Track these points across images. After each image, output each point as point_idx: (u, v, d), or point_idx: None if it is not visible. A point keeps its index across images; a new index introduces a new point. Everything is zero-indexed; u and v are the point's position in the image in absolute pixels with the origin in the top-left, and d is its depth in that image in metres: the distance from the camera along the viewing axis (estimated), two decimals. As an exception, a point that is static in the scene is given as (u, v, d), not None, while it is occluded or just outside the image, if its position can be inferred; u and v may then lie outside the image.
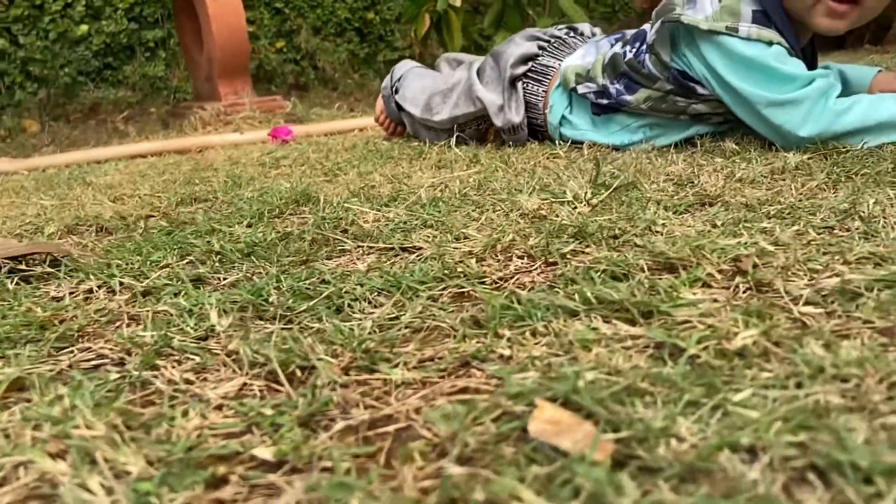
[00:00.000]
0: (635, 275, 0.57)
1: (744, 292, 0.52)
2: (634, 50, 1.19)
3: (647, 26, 1.20)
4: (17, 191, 1.41)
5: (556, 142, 1.34)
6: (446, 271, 0.62)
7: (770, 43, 1.04)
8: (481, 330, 0.49)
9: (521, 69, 1.37)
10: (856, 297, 0.49)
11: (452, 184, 1.03)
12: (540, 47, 1.39)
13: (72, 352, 0.53)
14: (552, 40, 1.41)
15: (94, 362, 0.50)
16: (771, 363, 0.40)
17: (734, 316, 0.46)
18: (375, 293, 0.59)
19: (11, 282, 0.70)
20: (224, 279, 0.66)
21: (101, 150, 1.95)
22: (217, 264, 0.70)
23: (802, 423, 0.32)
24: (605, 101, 1.23)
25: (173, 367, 0.47)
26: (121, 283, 0.66)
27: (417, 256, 0.68)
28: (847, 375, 0.37)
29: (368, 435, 0.37)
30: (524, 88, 1.37)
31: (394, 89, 1.65)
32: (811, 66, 1.21)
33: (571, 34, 1.45)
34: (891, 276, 0.51)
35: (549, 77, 1.35)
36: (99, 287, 0.66)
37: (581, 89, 1.26)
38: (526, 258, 0.65)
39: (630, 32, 1.27)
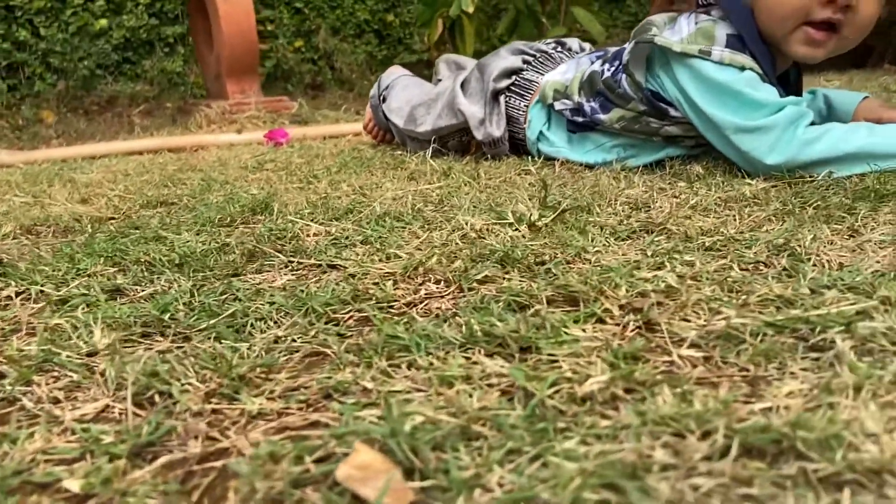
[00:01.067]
0: (534, 307, 0.56)
1: (632, 331, 0.51)
2: (612, 69, 1.18)
3: (627, 45, 1.19)
4: None
5: (533, 157, 1.33)
6: (358, 293, 0.61)
7: (742, 68, 1.03)
8: (361, 359, 0.49)
9: (504, 83, 1.37)
10: (740, 342, 0.48)
11: (413, 198, 1.03)
12: (525, 61, 1.39)
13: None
14: (538, 55, 1.40)
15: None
16: (616, 411, 0.39)
17: (601, 357, 0.45)
18: (282, 313, 0.59)
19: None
20: (142, 291, 0.66)
21: (98, 146, 1.97)
22: (143, 274, 0.70)
23: (607, 480, 0.32)
24: (580, 119, 1.22)
25: (48, 385, 0.47)
26: (41, 291, 0.66)
27: (339, 275, 0.68)
28: (679, 429, 0.37)
29: (195, 469, 0.37)
30: (507, 102, 1.37)
31: (381, 98, 1.65)
32: (794, 91, 1.20)
33: (559, 49, 1.44)
34: (782, 322, 0.50)
35: (532, 92, 1.34)
36: (18, 294, 0.66)
37: (558, 105, 1.25)
38: (442, 283, 0.64)
39: (612, 50, 1.26)
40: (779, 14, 1.02)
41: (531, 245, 0.74)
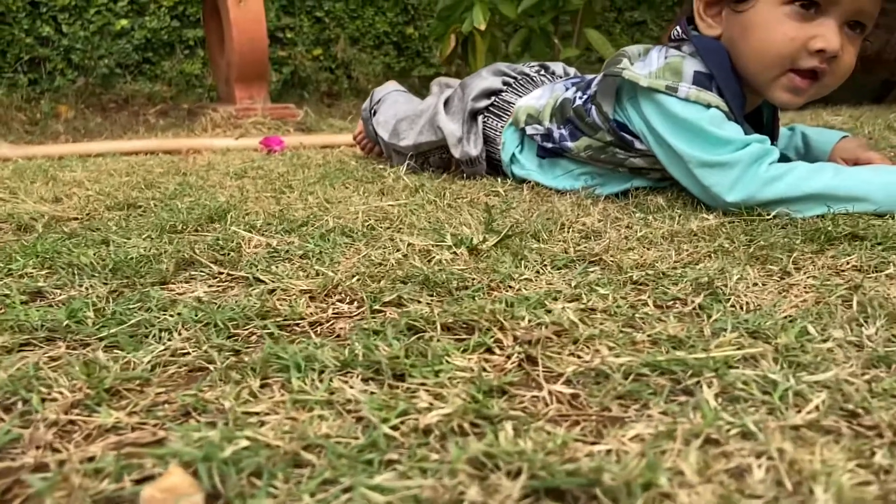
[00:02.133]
0: (429, 333, 0.56)
1: (514, 363, 0.51)
2: (584, 97, 1.18)
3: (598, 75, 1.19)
4: (-12, 180, 1.46)
5: (508, 178, 1.34)
6: (266, 310, 0.62)
7: (708, 106, 1.02)
8: (237, 377, 0.49)
9: (483, 103, 1.37)
10: (610, 380, 0.48)
11: (372, 214, 1.03)
12: (505, 83, 1.39)
13: None
14: (519, 77, 1.40)
15: None
16: (445, 446, 0.39)
17: (465, 389, 0.45)
18: (185, 326, 0.60)
19: None
20: (61, 295, 0.67)
21: (96, 145, 2.00)
22: (69, 279, 0.71)
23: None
24: (549, 145, 1.23)
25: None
26: (-35, 291, 0.67)
27: (259, 290, 0.68)
28: (503, 467, 0.37)
29: (23, 479, 0.38)
30: (484, 122, 1.37)
31: (372, 111, 1.67)
32: (769, 129, 1.19)
33: (542, 72, 1.44)
34: (661, 363, 0.50)
35: (510, 114, 1.35)
36: (-60, 291, 0.67)
37: (529, 130, 1.26)
38: (354, 303, 0.65)
39: (588, 78, 1.26)
40: (765, 60, 1.02)
41: (460, 269, 0.74)
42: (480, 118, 1.38)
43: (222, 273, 0.74)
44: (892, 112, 2.73)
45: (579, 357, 0.53)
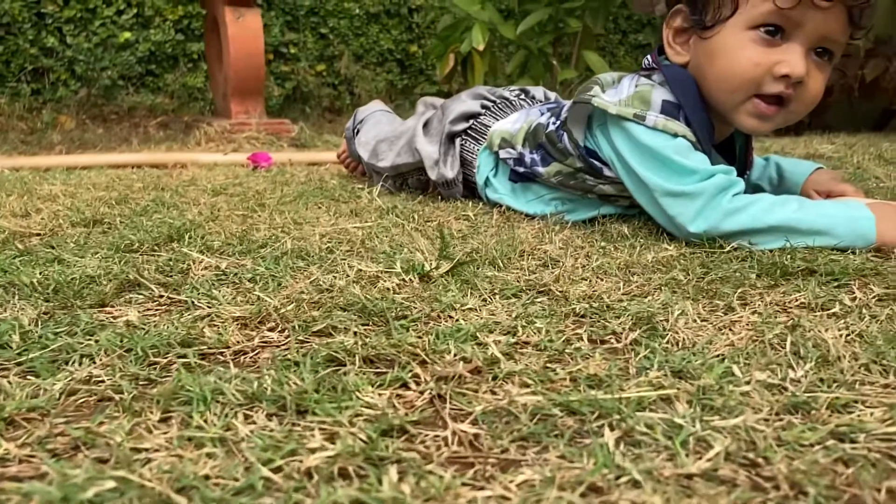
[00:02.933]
0: (347, 366, 0.56)
1: (425, 400, 0.51)
2: (557, 123, 1.17)
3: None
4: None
5: (483, 201, 1.33)
6: (192, 337, 0.61)
7: (675, 135, 1.02)
8: (139, 409, 0.49)
9: (461, 126, 1.37)
10: (516, 421, 0.47)
11: (335, 236, 1.03)
12: (484, 106, 1.39)
13: None
14: (498, 101, 1.40)
15: None
16: (332, 489, 0.39)
17: (362, 428, 0.45)
18: (110, 352, 0.59)
19: None
20: (-8, 316, 0.67)
21: (83, 157, 2.00)
22: (6, 299, 0.71)
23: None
24: (521, 169, 1.22)
25: None
26: None
27: (193, 315, 0.68)
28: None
29: None
30: (462, 145, 1.37)
31: (355, 131, 1.67)
32: (742, 159, 1.18)
33: (522, 97, 1.44)
34: (573, 403, 0.49)
35: (486, 137, 1.34)
36: None
37: (502, 154, 1.25)
38: (285, 331, 0.64)
39: (564, 103, 1.26)
40: (729, 85, 1.01)
41: (403, 298, 0.74)
42: (458, 141, 1.38)
43: (163, 296, 0.74)
44: (886, 141, 2.71)
45: (494, 394, 0.52)
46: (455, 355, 0.58)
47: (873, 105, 3.44)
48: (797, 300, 0.75)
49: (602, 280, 0.83)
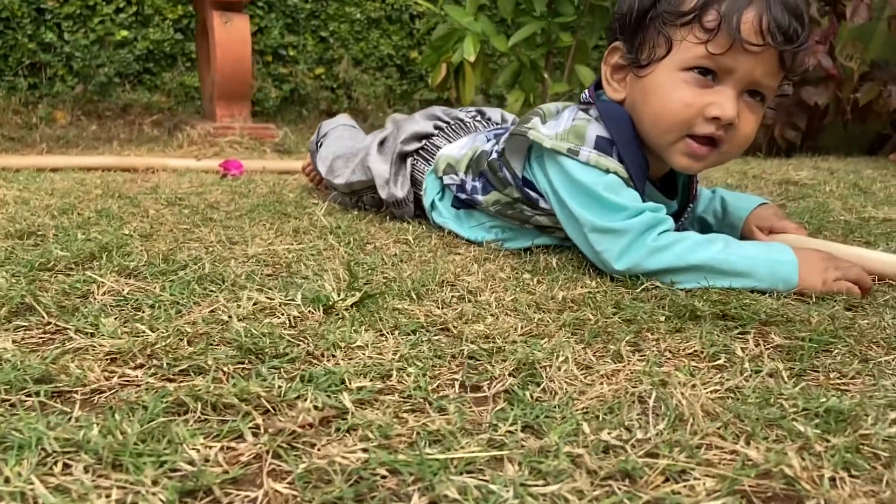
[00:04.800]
0: (190, 413, 0.55)
1: (252, 456, 0.50)
2: (499, 151, 1.17)
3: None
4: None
5: (429, 223, 1.33)
6: (49, 372, 0.61)
7: (607, 171, 1.01)
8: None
9: (413, 146, 1.37)
10: (329, 483, 0.47)
11: (261, 258, 1.03)
12: (437, 127, 1.39)
13: None
14: (452, 122, 1.40)
15: None
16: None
17: (165, 487, 0.44)
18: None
19: None
20: None
21: (53, 158, 2.01)
22: None
23: None
24: (462, 196, 1.22)
25: None
26: None
27: (67, 347, 0.67)
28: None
29: None
30: (413, 165, 1.37)
31: (318, 144, 1.67)
32: (685, 192, 1.17)
33: (478, 118, 1.44)
34: (397, 463, 0.48)
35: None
36: None
37: (446, 180, 1.25)
38: (152, 369, 0.64)
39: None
40: (663, 125, 1.00)
41: (290, 333, 0.73)
42: (410, 161, 1.37)
43: (50, 324, 0.74)
44: (871, 167, 2.68)
45: (324, 451, 0.51)
46: (316, 405, 0.57)
47: (867, 128, 3.42)
48: (690, 348, 0.74)
49: (508, 317, 0.83)
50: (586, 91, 1.10)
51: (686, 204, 1.18)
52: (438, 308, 0.85)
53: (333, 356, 0.69)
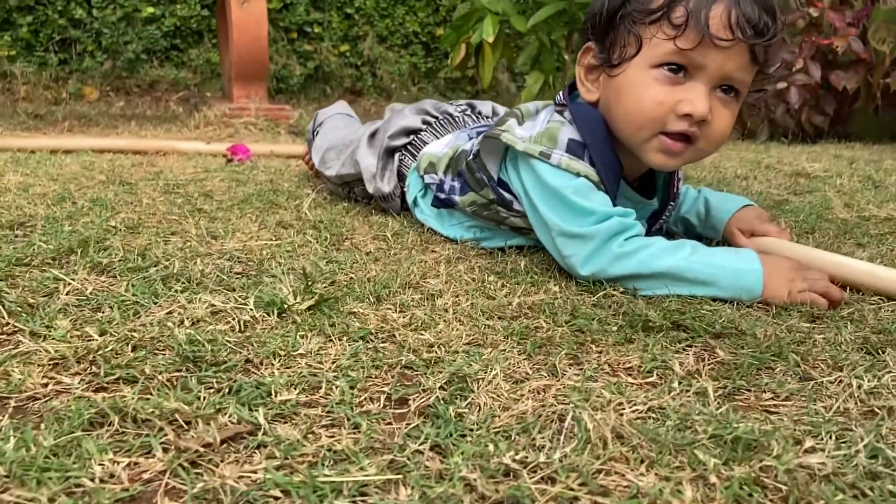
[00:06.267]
0: (109, 425, 0.57)
1: (155, 473, 0.52)
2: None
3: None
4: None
5: (411, 219, 1.34)
6: (-7, 378, 0.64)
7: (578, 174, 1.01)
8: None
9: (401, 141, 1.38)
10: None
11: (235, 254, 1.05)
12: (425, 122, 1.39)
13: None
14: (440, 117, 1.40)
15: None
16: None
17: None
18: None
19: None
20: None
21: (66, 140, 2.06)
22: None
23: None
24: (441, 196, 1.23)
25: None
26: None
27: (15, 351, 0.70)
28: None
29: None
30: (400, 160, 1.38)
31: (314, 133, 1.68)
32: (665, 191, 1.17)
33: (468, 111, 1.44)
34: (295, 483, 0.50)
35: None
36: None
37: (427, 179, 1.25)
38: (89, 376, 0.66)
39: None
40: (635, 123, 1.00)
41: (233, 340, 0.75)
42: (397, 155, 1.38)
43: (8, 324, 0.76)
44: (894, 157, 2.61)
45: (230, 470, 0.53)
46: (231, 420, 0.59)
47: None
48: (629, 362, 0.75)
49: (459, 324, 0.84)
50: (561, 93, 1.10)
51: (667, 202, 1.17)
52: (395, 312, 0.86)
53: (271, 365, 0.71)
